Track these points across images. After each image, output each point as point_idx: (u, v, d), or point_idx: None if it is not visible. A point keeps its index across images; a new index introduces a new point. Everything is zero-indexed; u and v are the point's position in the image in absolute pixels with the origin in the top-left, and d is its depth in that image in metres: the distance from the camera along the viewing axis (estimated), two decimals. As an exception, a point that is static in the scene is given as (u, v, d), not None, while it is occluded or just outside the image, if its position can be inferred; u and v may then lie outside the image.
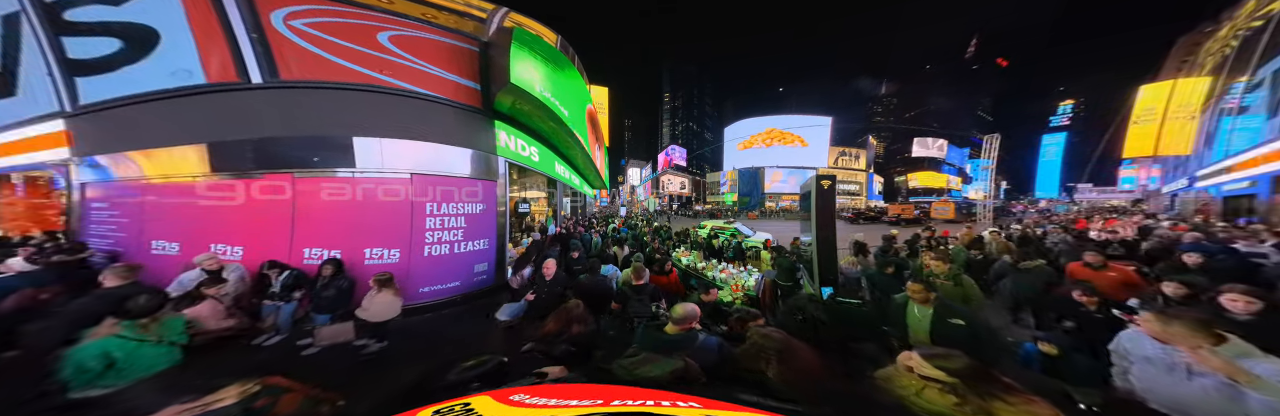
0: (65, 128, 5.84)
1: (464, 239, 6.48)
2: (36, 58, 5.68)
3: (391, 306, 4.31)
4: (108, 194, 5.96)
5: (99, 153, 5.87)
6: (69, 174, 6.14)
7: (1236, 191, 15.01)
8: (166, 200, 5.63)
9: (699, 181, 74.20)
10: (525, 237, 9.77)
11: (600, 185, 21.75)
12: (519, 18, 8.40)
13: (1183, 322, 2.04)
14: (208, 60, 5.30)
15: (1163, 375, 2.11)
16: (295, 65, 5.45)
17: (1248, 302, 2.64)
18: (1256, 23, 18.70)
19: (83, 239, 5.89)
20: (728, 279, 6.76)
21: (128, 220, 5.79)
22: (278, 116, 5.42)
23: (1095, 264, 4.49)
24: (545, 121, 8.45)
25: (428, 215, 6.05)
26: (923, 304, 3.25)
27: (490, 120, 7.32)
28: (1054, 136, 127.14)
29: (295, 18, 5.54)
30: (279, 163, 5.42)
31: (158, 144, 5.57)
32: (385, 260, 5.59)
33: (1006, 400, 1.61)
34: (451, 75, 6.72)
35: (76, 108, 5.69)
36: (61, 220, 6.41)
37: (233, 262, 4.95)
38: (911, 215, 33.78)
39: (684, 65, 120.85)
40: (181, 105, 5.35)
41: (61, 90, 5.67)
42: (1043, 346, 2.99)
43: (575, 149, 11.32)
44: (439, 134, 6.47)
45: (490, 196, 7.10)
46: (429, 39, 6.59)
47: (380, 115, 5.92)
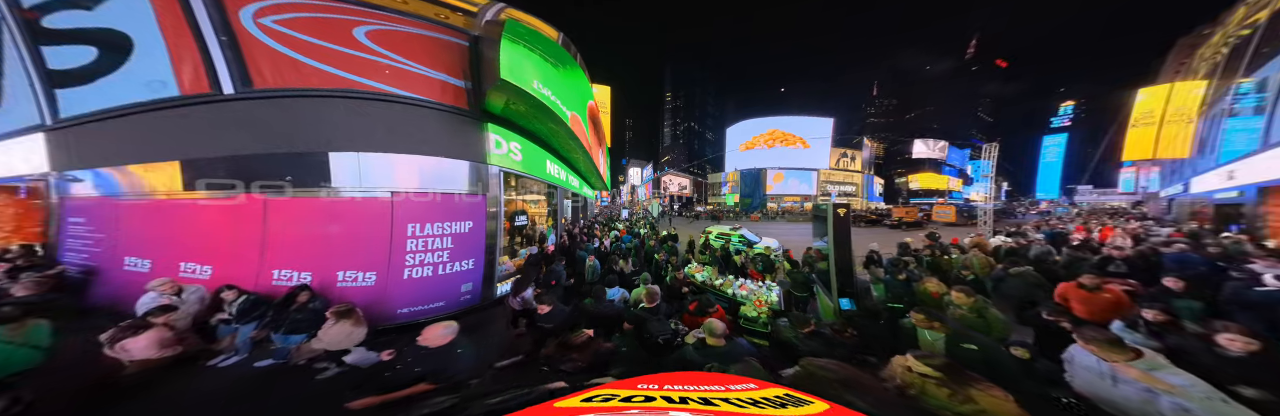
0: (45, 141, 5.85)
1: (450, 260, 6.03)
2: (18, 68, 5.72)
3: (350, 337, 4.19)
4: (85, 208, 5.96)
5: (77, 168, 5.88)
6: (48, 188, 6.18)
7: (1227, 200, 15.33)
8: (140, 217, 5.64)
9: (700, 182, 74.45)
10: (523, 248, 9.20)
11: (602, 186, 21.37)
12: (516, 13, 7.68)
13: (1099, 343, 2.55)
14: (180, 68, 5.18)
15: (1096, 380, 2.58)
16: (268, 72, 5.24)
17: (1245, 343, 2.70)
18: (1245, 31, 18.85)
19: (61, 253, 6.00)
20: (748, 294, 6.50)
21: (103, 236, 5.81)
22: (250, 131, 5.24)
23: (1090, 286, 4.41)
24: (543, 123, 7.82)
25: (409, 237, 5.65)
26: (930, 330, 3.39)
27: (481, 124, 6.76)
28: (1055, 138, 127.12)
29: (265, 14, 5.26)
30: (252, 181, 5.27)
31: (133, 160, 5.54)
32: (360, 283, 5.35)
33: (977, 387, 2.21)
34: (438, 73, 6.16)
35: (57, 121, 5.68)
36: (40, 233, 6.41)
37: (196, 283, 4.96)
38: (914, 218, 34.12)
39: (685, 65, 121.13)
40: (155, 120, 5.28)
41: (43, 103, 5.68)
42: (1016, 350, 3.31)
43: (576, 151, 10.69)
44: (424, 144, 6.03)
45: (479, 212, 6.61)
46: (411, 33, 6.05)
47: (359, 125, 5.56)
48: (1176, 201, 23.56)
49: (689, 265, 8.95)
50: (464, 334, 3.36)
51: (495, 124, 7.08)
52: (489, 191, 6.84)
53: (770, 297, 6.35)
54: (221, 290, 4.73)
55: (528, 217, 10.37)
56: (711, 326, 3.45)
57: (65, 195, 6.09)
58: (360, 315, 4.33)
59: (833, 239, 5.47)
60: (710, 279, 7.51)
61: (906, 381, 2.42)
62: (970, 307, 4.11)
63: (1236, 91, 17.00)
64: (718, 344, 3.38)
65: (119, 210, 5.76)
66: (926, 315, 3.44)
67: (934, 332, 3.36)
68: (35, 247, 6.45)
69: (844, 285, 5.43)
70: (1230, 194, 14.91)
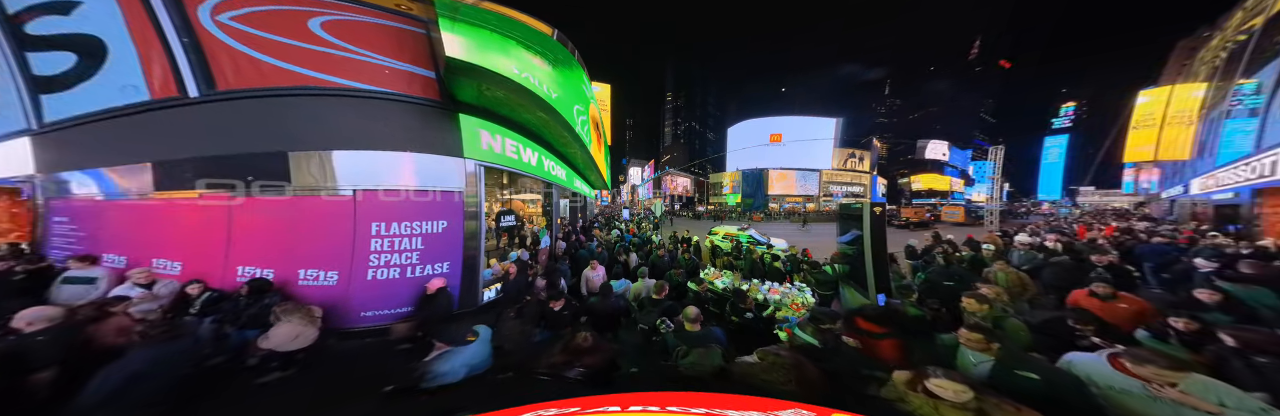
0: (31, 145, 6.08)
1: (419, 262, 5.67)
2: (5, 75, 5.92)
3: (298, 338, 4.07)
4: (67, 208, 6.19)
5: (61, 170, 6.12)
6: (35, 189, 6.40)
7: (1225, 201, 15.40)
8: (116, 216, 5.83)
9: (701, 182, 74.36)
10: (514, 250, 8.48)
11: (602, 185, 19.99)
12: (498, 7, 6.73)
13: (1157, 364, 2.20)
14: (150, 72, 5.31)
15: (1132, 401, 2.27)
16: (231, 73, 5.26)
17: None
18: (1242, 36, 18.66)
19: (47, 250, 6.23)
20: (781, 298, 6.11)
21: (84, 234, 6.02)
22: (214, 133, 5.33)
23: (1104, 295, 4.19)
24: (531, 111, 7.11)
25: (373, 236, 5.43)
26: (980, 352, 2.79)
27: (453, 115, 6.26)
28: (1057, 138, 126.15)
29: (221, 11, 5.23)
30: (217, 181, 5.35)
31: (110, 162, 5.76)
32: (321, 282, 5.30)
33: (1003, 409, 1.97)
34: (403, 64, 5.83)
35: (42, 126, 5.91)
36: (27, 232, 6.69)
37: (168, 278, 5.08)
38: (922, 218, 34.11)
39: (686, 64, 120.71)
40: (129, 124, 5.45)
41: (29, 108, 5.91)
42: None
43: (572, 145, 9.78)
44: (389, 139, 5.71)
45: (454, 211, 6.15)
46: (370, 23, 5.76)
47: (319, 123, 5.43)
48: (1178, 202, 23.38)
49: (706, 271, 7.98)
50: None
51: (475, 116, 6.58)
52: (466, 188, 6.35)
53: (807, 299, 6.11)
54: (188, 284, 4.79)
55: (517, 218, 9.78)
56: (687, 311, 3.86)
57: (50, 196, 6.30)
58: (313, 314, 4.25)
59: (869, 237, 5.59)
60: (734, 284, 6.70)
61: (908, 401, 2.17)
62: (985, 315, 3.75)
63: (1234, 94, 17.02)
64: (694, 328, 3.73)
65: (98, 210, 5.95)
66: (985, 335, 2.79)
67: (980, 355, 2.76)
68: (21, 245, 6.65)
69: (881, 281, 5.57)
70: (1227, 195, 14.95)
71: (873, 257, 5.53)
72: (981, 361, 2.73)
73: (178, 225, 5.56)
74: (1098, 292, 4.24)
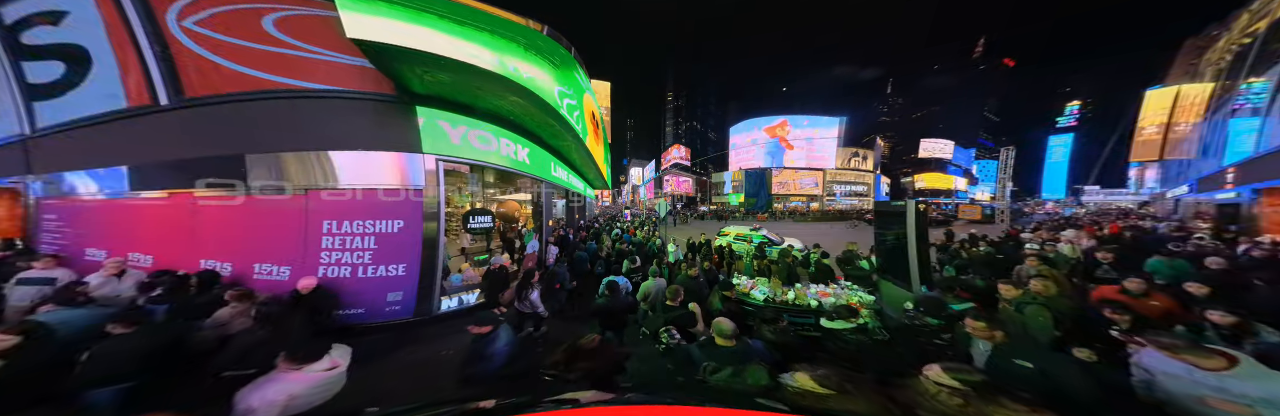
0: (24, 149, 6.49)
1: (372, 262, 5.48)
2: (3, 84, 6.37)
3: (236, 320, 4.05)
4: (56, 207, 6.55)
5: (50, 171, 6.50)
6: (27, 189, 6.77)
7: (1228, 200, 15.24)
8: (98, 214, 6.21)
9: (704, 181, 74.17)
10: (495, 255, 7.74)
11: (602, 184, 18.63)
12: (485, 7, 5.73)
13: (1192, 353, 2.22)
14: (127, 81, 5.64)
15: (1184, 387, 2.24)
16: (197, 81, 5.44)
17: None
18: (1247, 39, 18.31)
19: (38, 244, 6.60)
20: (835, 300, 5.57)
21: (70, 230, 6.38)
22: (181, 139, 5.60)
23: (1136, 291, 4.05)
24: (499, 96, 6.20)
25: (325, 234, 5.37)
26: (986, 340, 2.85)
27: (411, 108, 5.85)
28: (1061, 137, 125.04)
29: (186, 16, 5.36)
30: (184, 182, 5.59)
31: (94, 165, 6.18)
32: (274, 276, 5.42)
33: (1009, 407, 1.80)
34: (352, 58, 5.49)
35: (35, 131, 6.35)
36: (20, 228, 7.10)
37: (139, 269, 5.34)
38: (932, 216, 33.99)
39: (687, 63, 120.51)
40: (110, 130, 5.86)
41: (23, 114, 6.36)
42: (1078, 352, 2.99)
43: (562, 136, 8.91)
44: (339, 138, 5.57)
45: (412, 210, 5.76)
46: (318, 15, 5.46)
47: (274, 126, 5.49)
48: (1182, 202, 23.10)
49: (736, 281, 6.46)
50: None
51: (435, 107, 6.07)
52: (425, 185, 5.85)
53: (865, 297, 5.77)
54: (155, 275, 5.02)
55: (494, 218, 8.43)
56: (721, 326, 3.20)
57: (40, 196, 6.72)
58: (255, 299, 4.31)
59: (915, 233, 5.67)
60: (776, 294, 5.86)
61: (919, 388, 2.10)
62: (1015, 299, 3.66)
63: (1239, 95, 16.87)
64: (728, 344, 3.14)
65: (82, 208, 6.33)
66: (987, 322, 2.79)
67: (987, 343, 2.79)
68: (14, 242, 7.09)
69: (923, 274, 5.63)
70: (1229, 195, 14.77)
71: (918, 252, 5.64)
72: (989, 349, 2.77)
73: (150, 223, 5.90)
74: (1130, 289, 4.08)
